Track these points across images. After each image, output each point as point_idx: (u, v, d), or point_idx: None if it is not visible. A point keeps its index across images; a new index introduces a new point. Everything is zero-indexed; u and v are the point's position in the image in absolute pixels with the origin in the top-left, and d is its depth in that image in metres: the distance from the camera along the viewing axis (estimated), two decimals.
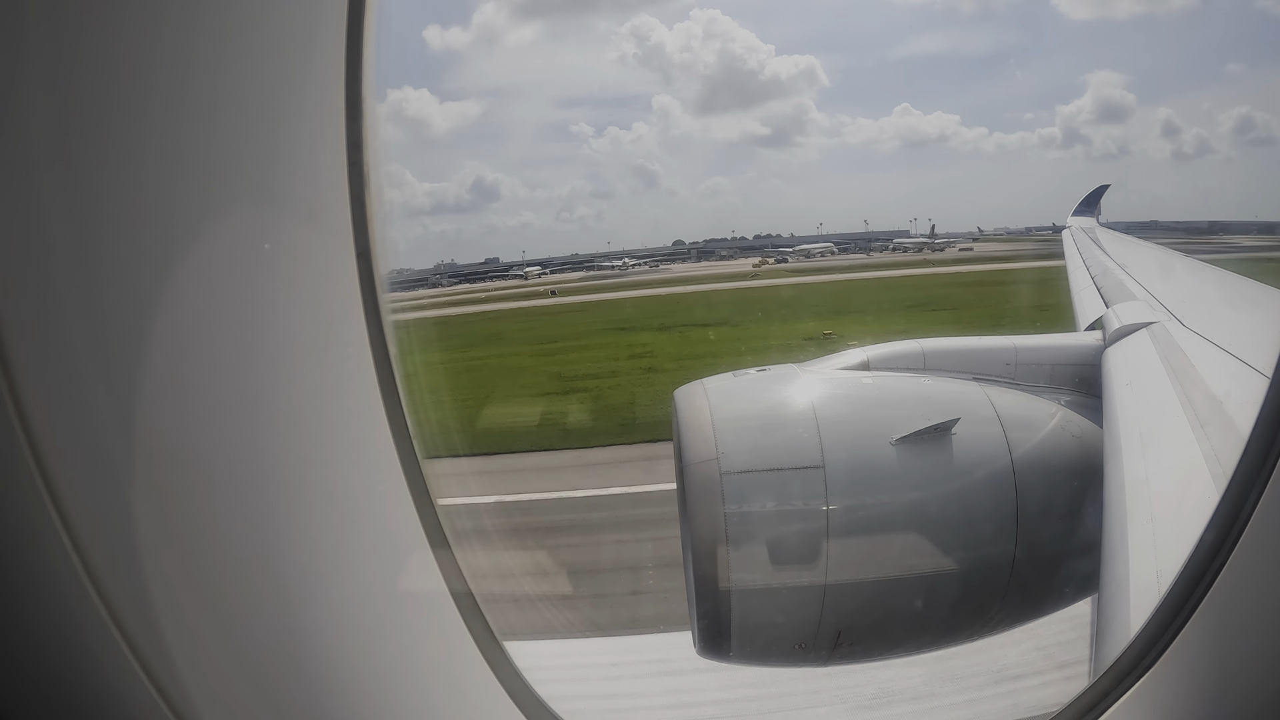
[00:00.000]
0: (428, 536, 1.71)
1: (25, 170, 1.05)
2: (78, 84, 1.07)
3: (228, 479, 1.30)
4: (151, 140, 1.16)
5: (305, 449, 1.44)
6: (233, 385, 1.30)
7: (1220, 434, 3.00)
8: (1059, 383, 4.89)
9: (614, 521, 15.35)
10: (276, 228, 1.38)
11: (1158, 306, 6.15)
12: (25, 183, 1.05)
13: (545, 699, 1.89)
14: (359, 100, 1.47)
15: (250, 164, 1.31)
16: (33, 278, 1.06)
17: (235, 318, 1.30)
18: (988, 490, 4.05)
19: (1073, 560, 3.92)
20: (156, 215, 1.18)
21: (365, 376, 1.56)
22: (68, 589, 1.10)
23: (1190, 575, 1.73)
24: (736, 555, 3.87)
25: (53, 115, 1.06)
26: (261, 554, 1.35)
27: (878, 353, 4.99)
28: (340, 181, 1.49)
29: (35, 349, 1.06)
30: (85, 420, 1.12)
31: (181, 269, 1.21)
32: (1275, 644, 1.56)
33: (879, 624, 4.17)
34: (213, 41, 1.22)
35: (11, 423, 1.04)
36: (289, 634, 1.39)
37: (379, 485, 1.62)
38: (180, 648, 1.22)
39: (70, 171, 1.08)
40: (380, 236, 1.55)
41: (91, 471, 1.13)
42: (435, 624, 1.76)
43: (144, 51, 1.14)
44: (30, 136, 1.05)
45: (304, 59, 1.40)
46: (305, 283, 1.45)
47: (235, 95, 1.27)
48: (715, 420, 4.12)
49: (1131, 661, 1.81)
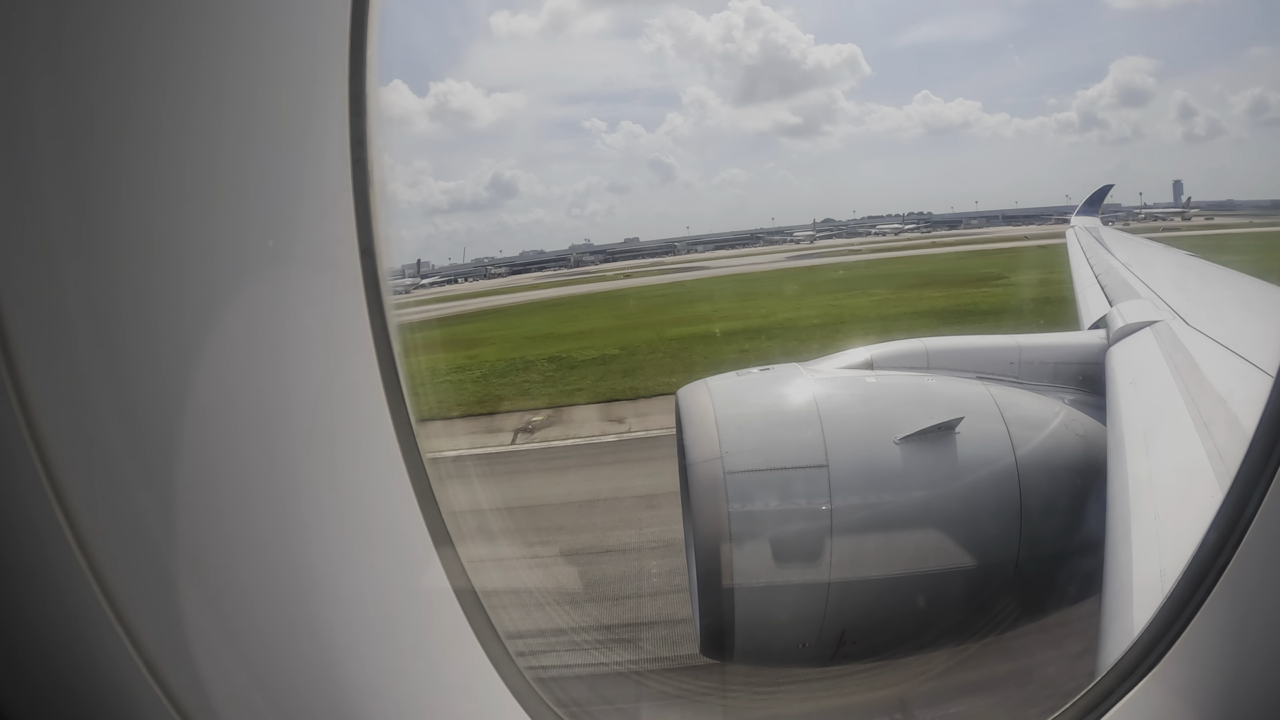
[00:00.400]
0: (432, 535, 1.71)
1: (30, 171, 1.05)
2: (81, 84, 1.08)
3: (232, 478, 1.30)
4: (154, 139, 1.16)
5: (309, 446, 1.44)
6: (236, 383, 1.30)
7: (1224, 432, 3.00)
8: (1063, 381, 4.89)
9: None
10: (280, 226, 1.38)
11: (1161, 305, 6.14)
12: (30, 183, 1.05)
13: (550, 699, 1.89)
14: (362, 97, 1.48)
15: (254, 160, 1.32)
16: (37, 277, 1.07)
17: (239, 315, 1.30)
18: (992, 489, 4.05)
19: (1077, 558, 3.92)
20: (160, 214, 1.18)
21: (369, 373, 1.56)
22: (72, 588, 1.10)
23: (1194, 573, 1.73)
24: (740, 554, 3.87)
25: (56, 115, 1.06)
26: (266, 553, 1.35)
27: (881, 352, 4.99)
28: (344, 179, 1.49)
29: (40, 348, 1.06)
30: (90, 420, 1.12)
31: (185, 267, 1.22)
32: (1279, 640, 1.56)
33: (883, 623, 4.17)
34: (216, 40, 1.22)
35: (17, 423, 1.04)
36: (294, 633, 1.40)
37: (384, 483, 1.62)
38: (185, 647, 1.22)
39: (74, 172, 1.08)
40: (384, 234, 1.56)
41: (96, 470, 1.13)
42: (440, 623, 1.77)
43: (147, 50, 1.14)
44: (34, 136, 1.05)
45: (307, 56, 1.41)
46: (309, 280, 1.46)
47: (238, 93, 1.27)
48: (719, 419, 4.12)
49: (1135, 659, 1.80)
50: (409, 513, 1.66)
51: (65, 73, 1.06)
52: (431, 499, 1.70)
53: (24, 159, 1.04)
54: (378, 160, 1.54)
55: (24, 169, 1.04)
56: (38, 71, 1.04)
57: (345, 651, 1.48)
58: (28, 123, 1.04)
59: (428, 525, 1.69)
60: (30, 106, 1.04)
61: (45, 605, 1.10)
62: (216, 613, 1.27)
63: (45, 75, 1.04)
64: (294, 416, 1.41)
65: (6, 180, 1.04)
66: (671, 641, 7.61)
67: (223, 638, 1.28)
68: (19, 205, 1.04)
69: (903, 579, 3.96)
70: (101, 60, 1.09)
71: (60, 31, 1.04)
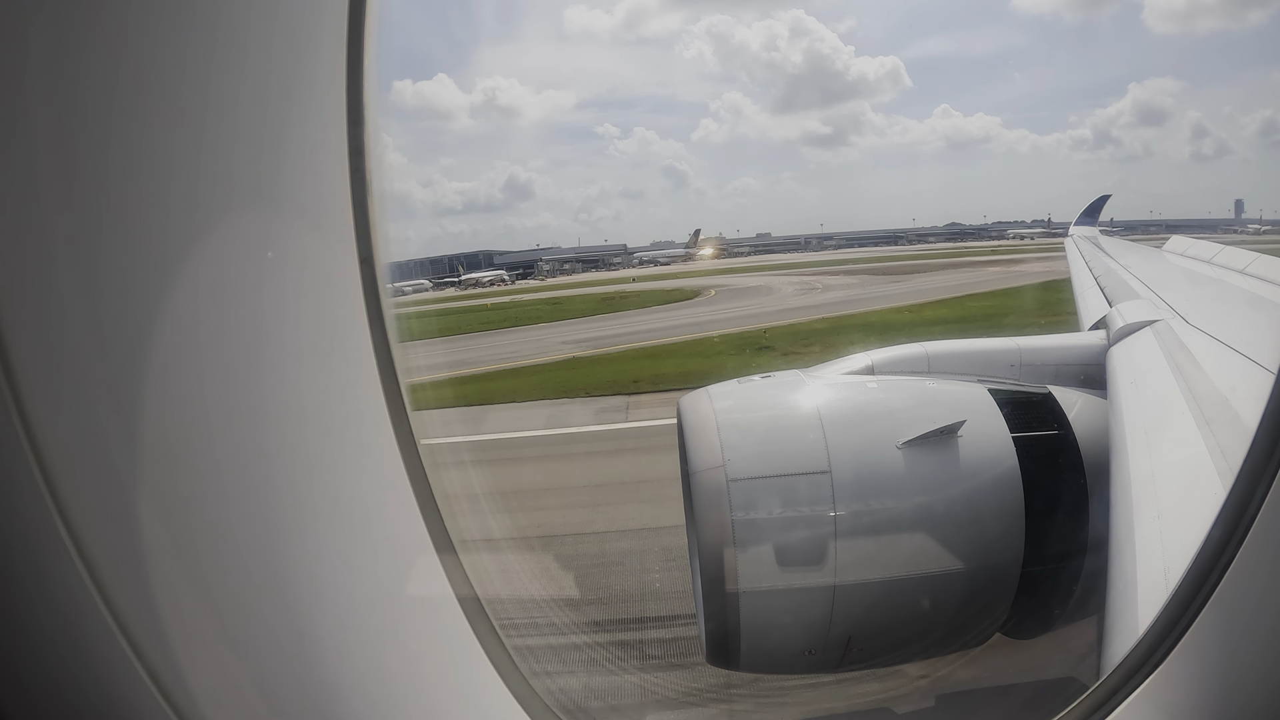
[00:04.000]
0: (433, 540, 1.71)
1: (29, 177, 1.06)
2: (81, 89, 1.09)
3: (232, 484, 1.31)
4: (155, 146, 1.17)
5: (309, 453, 1.44)
6: (237, 390, 1.31)
7: (1226, 429, 3.00)
8: (1064, 382, 4.89)
9: None
10: (280, 233, 1.39)
11: (1161, 304, 6.14)
12: (29, 189, 1.06)
13: (553, 704, 1.89)
14: (360, 106, 1.49)
15: (253, 169, 1.33)
16: (37, 283, 1.08)
17: (239, 322, 1.31)
18: (995, 491, 4.04)
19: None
20: (160, 221, 1.19)
21: (369, 381, 1.57)
22: (72, 593, 1.10)
23: (1198, 571, 1.72)
24: (744, 561, 3.86)
25: (56, 121, 1.07)
26: (266, 559, 1.36)
27: (882, 356, 4.99)
28: (343, 187, 1.50)
29: (39, 354, 1.07)
30: (89, 425, 1.13)
31: (185, 274, 1.23)
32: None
33: (889, 628, 4.15)
34: (216, 47, 1.23)
35: (15, 428, 1.05)
36: (294, 639, 1.40)
37: (385, 489, 1.62)
38: (185, 652, 1.22)
39: (74, 177, 1.09)
40: (383, 241, 1.56)
41: (95, 476, 1.13)
42: (441, 628, 1.77)
43: (147, 58, 1.15)
44: (34, 144, 1.06)
45: (305, 65, 1.42)
46: (308, 287, 1.46)
47: (238, 101, 1.28)
48: (721, 427, 4.12)
49: (1140, 659, 1.80)
50: (410, 518, 1.67)
51: (61, 82, 1.07)
52: (432, 504, 1.70)
53: (22, 167, 1.05)
54: (376, 169, 1.55)
55: (21, 176, 1.05)
56: (36, 75, 1.05)
57: (346, 657, 1.48)
58: (26, 131, 1.05)
59: (429, 531, 1.70)
60: (29, 110, 1.05)
61: (45, 611, 1.11)
62: (217, 618, 1.28)
63: (42, 86, 1.05)
64: (295, 423, 1.42)
65: (6, 181, 1.05)
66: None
67: (223, 643, 1.29)
68: (18, 207, 1.05)
69: (907, 583, 3.95)
70: (98, 67, 1.10)
71: (58, 40, 1.05)
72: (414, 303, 23.14)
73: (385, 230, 1.57)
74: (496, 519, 9.60)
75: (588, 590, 8.76)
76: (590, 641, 7.32)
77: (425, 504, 1.68)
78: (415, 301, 26.60)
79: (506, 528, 9.28)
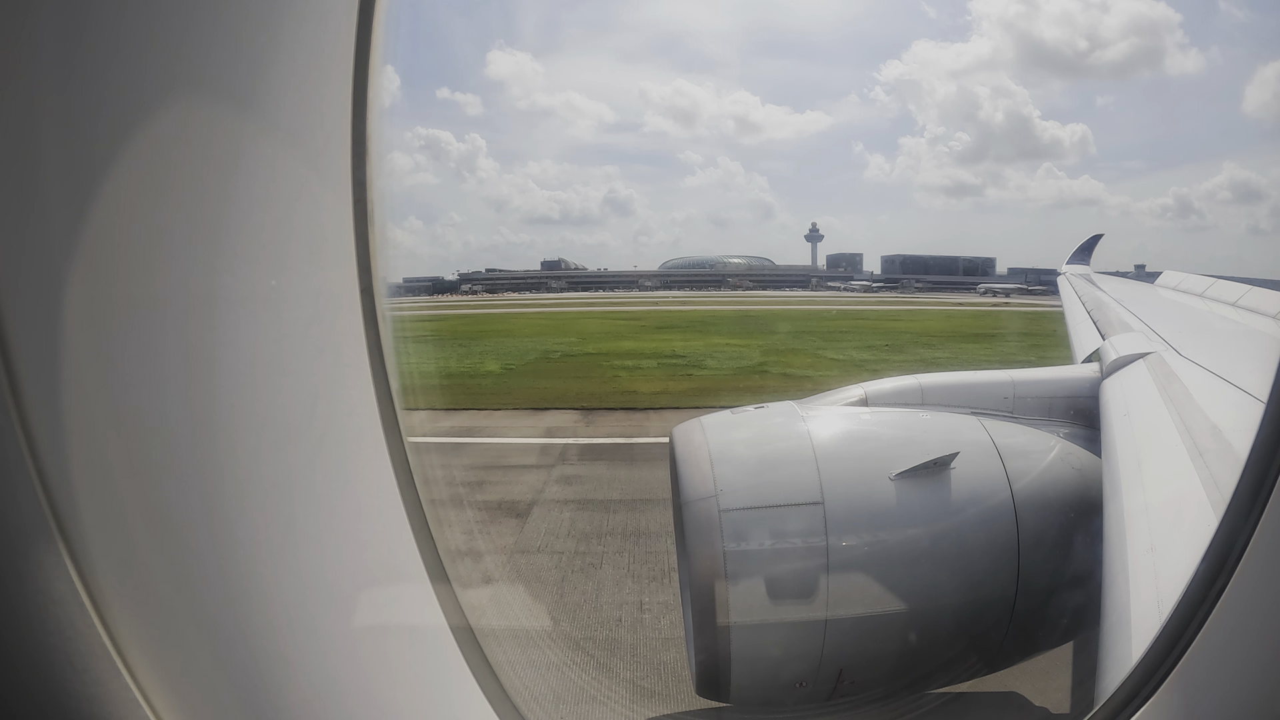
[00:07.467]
0: (426, 568, 1.70)
1: (31, 174, 1.07)
2: (81, 90, 1.10)
3: (224, 505, 1.30)
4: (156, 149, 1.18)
5: (305, 464, 1.44)
6: (237, 397, 1.31)
7: (1218, 461, 3.01)
8: (1057, 415, 4.91)
9: None
10: (281, 265, 1.40)
11: (1154, 336, 6.19)
12: (30, 187, 1.07)
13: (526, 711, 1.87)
14: (362, 106, 1.50)
15: (253, 170, 1.33)
16: (36, 283, 1.08)
17: (238, 325, 1.32)
18: (988, 524, 4.04)
19: (1074, 592, 3.90)
20: (160, 222, 1.21)
21: (366, 402, 1.58)
22: (64, 600, 1.10)
23: (1189, 602, 1.72)
24: (736, 593, 3.84)
25: (58, 118, 1.08)
26: (257, 580, 1.34)
27: (876, 388, 5.01)
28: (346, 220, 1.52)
29: (37, 353, 1.08)
30: (88, 428, 1.13)
31: (185, 276, 1.24)
32: (1277, 670, 1.55)
33: (881, 661, 4.11)
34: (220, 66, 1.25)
35: (14, 429, 1.05)
36: (284, 663, 1.38)
37: (378, 513, 1.62)
38: (175, 670, 1.22)
39: (74, 178, 1.10)
40: (383, 275, 1.58)
41: (92, 474, 1.13)
42: (432, 657, 1.75)
43: (148, 61, 1.16)
44: (36, 142, 1.07)
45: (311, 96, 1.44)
46: (308, 289, 1.47)
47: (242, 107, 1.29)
48: (713, 457, 4.11)
49: (1133, 690, 1.80)
50: (404, 545, 1.66)
51: (64, 79, 1.08)
52: (426, 531, 1.70)
53: (23, 164, 1.06)
54: (379, 203, 1.57)
55: (22, 173, 1.06)
56: (39, 79, 1.06)
57: (336, 683, 1.47)
58: (27, 130, 1.06)
59: (422, 558, 1.69)
60: (30, 113, 1.06)
61: (35, 617, 1.10)
62: (207, 637, 1.27)
63: (46, 84, 1.07)
64: (294, 431, 1.42)
65: (6, 181, 1.06)
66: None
67: (212, 663, 1.28)
68: (18, 207, 1.06)
69: (900, 616, 3.93)
70: (103, 62, 1.12)
71: (59, 40, 1.07)
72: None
73: (386, 262, 1.59)
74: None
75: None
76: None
77: (419, 529, 1.68)
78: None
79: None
